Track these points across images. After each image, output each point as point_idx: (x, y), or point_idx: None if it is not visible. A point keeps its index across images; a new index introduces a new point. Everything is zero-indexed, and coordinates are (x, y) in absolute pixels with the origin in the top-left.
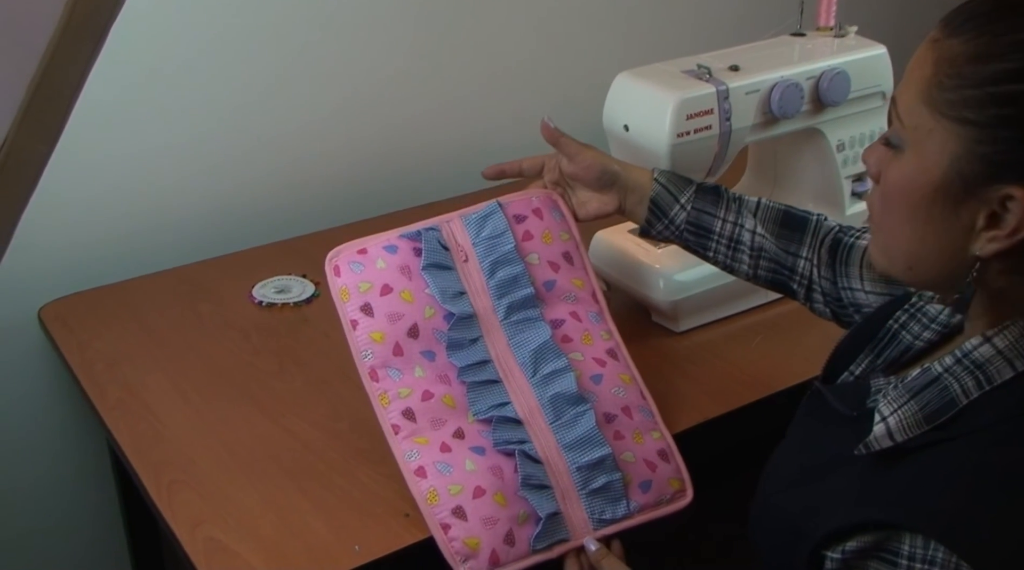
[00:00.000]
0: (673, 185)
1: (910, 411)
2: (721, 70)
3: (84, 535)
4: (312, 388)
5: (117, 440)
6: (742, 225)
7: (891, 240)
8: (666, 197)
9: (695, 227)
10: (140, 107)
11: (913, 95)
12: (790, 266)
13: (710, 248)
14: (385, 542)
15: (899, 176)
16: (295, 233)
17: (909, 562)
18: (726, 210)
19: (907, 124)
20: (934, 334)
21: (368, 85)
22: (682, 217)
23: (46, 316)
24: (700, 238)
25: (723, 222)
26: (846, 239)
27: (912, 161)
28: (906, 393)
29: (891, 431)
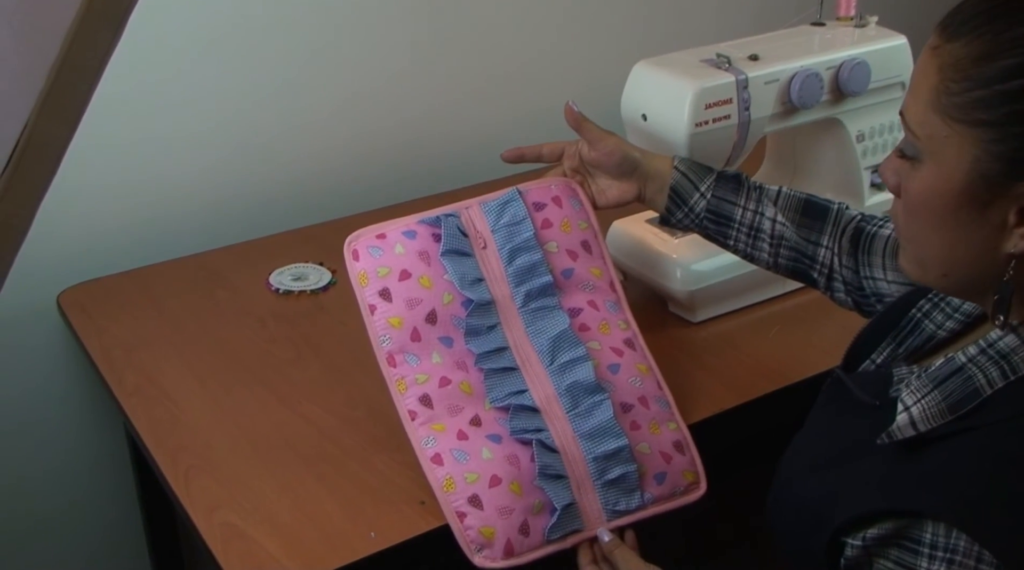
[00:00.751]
0: (693, 173)
1: (933, 401)
2: (740, 59)
3: (101, 519)
4: (328, 375)
5: (135, 426)
6: (762, 213)
7: (922, 250)
8: (686, 185)
9: (715, 215)
10: (159, 96)
11: (922, 105)
12: (811, 255)
13: (730, 236)
14: (400, 529)
15: (921, 187)
16: (312, 221)
17: (931, 550)
18: (746, 198)
19: (920, 135)
20: (957, 324)
21: (386, 74)
22: (702, 205)
23: (65, 302)
24: (720, 226)
25: (743, 210)
26: (868, 228)
27: (932, 170)
28: (929, 383)
29: (914, 421)
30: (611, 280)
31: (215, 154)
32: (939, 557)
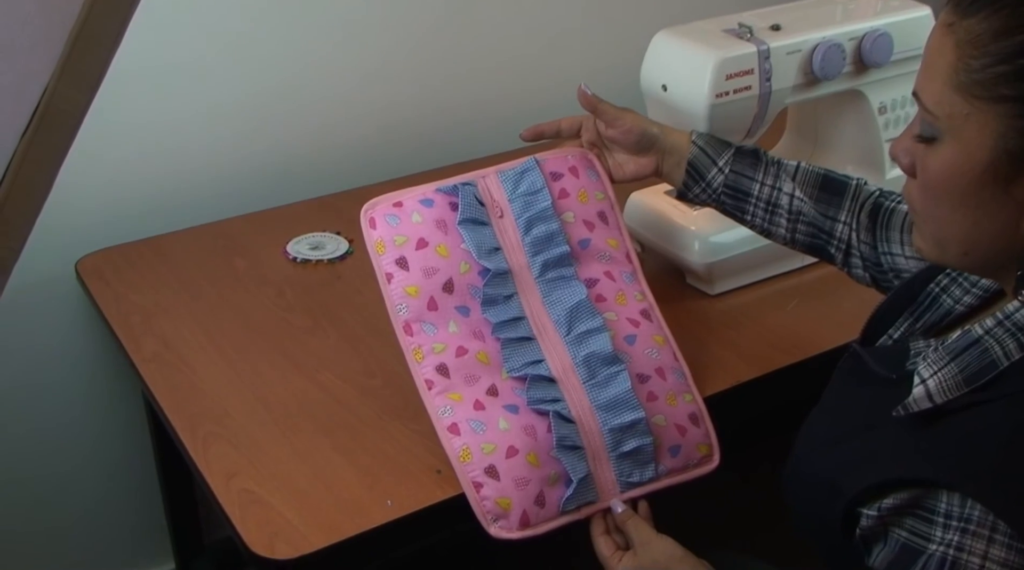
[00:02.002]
0: (711, 147)
1: (950, 373)
2: (762, 29)
3: (119, 485)
4: (345, 344)
5: (153, 392)
6: (780, 189)
7: (941, 230)
8: (704, 160)
9: (732, 190)
10: (179, 64)
11: (939, 84)
12: (828, 230)
13: (747, 211)
14: (417, 498)
15: (941, 166)
16: (330, 190)
17: (946, 519)
18: (764, 174)
19: (939, 114)
20: (975, 298)
21: (405, 45)
22: (719, 180)
23: (83, 269)
24: (737, 201)
25: (761, 185)
26: (887, 203)
27: (953, 149)
28: (946, 355)
29: (931, 393)
30: (627, 251)
31: (234, 123)
32: (953, 526)
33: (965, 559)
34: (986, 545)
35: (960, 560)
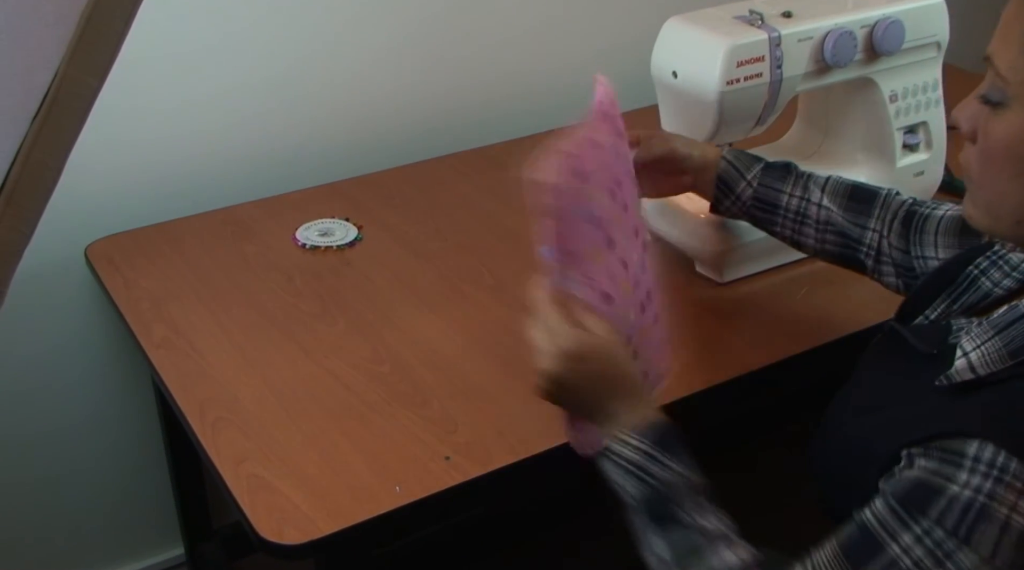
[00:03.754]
0: (740, 162)
1: (994, 347)
2: (774, 16)
3: (129, 471)
4: (354, 331)
5: (162, 377)
6: (809, 199)
7: (997, 197)
8: (732, 173)
9: (762, 202)
10: (189, 49)
11: (1015, 51)
12: (857, 237)
13: (777, 222)
14: (425, 483)
15: (1006, 133)
16: (340, 176)
17: (974, 463)
18: (793, 185)
19: (1012, 80)
20: (1015, 282)
21: (413, 28)
22: (748, 193)
23: (93, 254)
24: (767, 213)
25: (789, 197)
26: (921, 210)
27: (1020, 116)
28: (991, 329)
29: (973, 365)
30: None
31: (244, 108)
32: (981, 471)
33: (995, 507)
34: (1016, 497)
35: (989, 507)
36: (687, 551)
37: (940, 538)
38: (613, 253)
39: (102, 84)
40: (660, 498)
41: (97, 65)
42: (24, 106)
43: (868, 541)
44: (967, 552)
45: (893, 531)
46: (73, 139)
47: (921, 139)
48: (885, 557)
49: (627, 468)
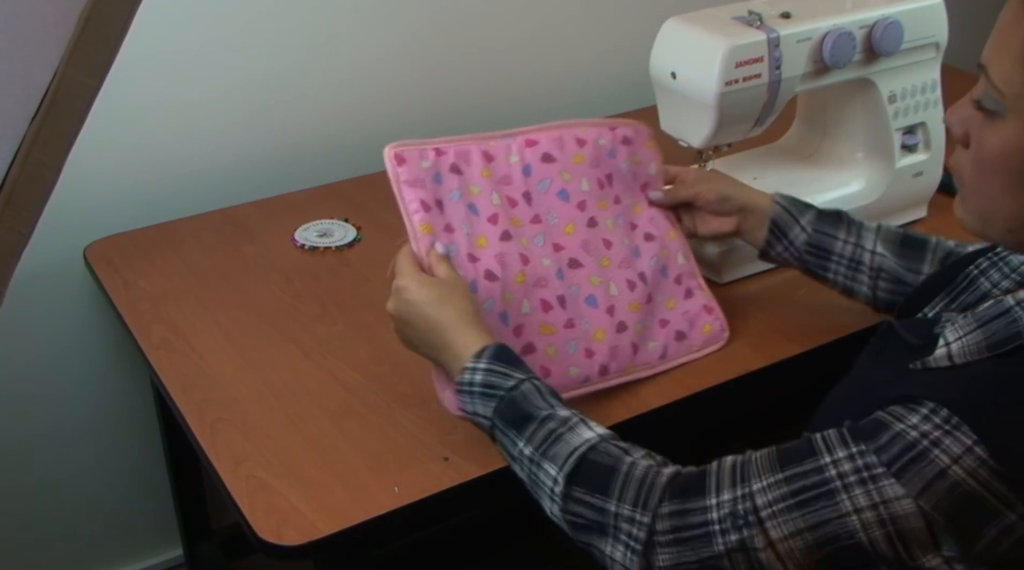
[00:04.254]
0: (794, 207)
1: (975, 339)
2: (772, 17)
3: (128, 472)
4: (353, 331)
5: (161, 379)
6: (862, 246)
7: (989, 205)
8: (787, 218)
9: (816, 248)
10: (188, 50)
11: (1012, 61)
12: (912, 283)
13: (830, 269)
14: (425, 484)
15: (999, 144)
16: (338, 177)
17: (929, 415)
18: (847, 232)
19: (1007, 92)
20: (1013, 283)
21: (412, 29)
22: (803, 238)
23: (91, 255)
24: (820, 260)
25: (844, 243)
26: (957, 249)
27: (1015, 128)
28: (974, 321)
29: (952, 354)
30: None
31: (242, 109)
32: (934, 422)
33: (935, 454)
34: (962, 451)
35: (930, 453)
36: (547, 438)
37: (872, 463)
38: (508, 244)
39: (101, 85)
40: (511, 403)
41: (96, 66)
42: (23, 107)
43: (804, 448)
44: (894, 484)
45: (831, 446)
46: (72, 140)
47: (920, 140)
48: (813, 463)
49: (479, 392)
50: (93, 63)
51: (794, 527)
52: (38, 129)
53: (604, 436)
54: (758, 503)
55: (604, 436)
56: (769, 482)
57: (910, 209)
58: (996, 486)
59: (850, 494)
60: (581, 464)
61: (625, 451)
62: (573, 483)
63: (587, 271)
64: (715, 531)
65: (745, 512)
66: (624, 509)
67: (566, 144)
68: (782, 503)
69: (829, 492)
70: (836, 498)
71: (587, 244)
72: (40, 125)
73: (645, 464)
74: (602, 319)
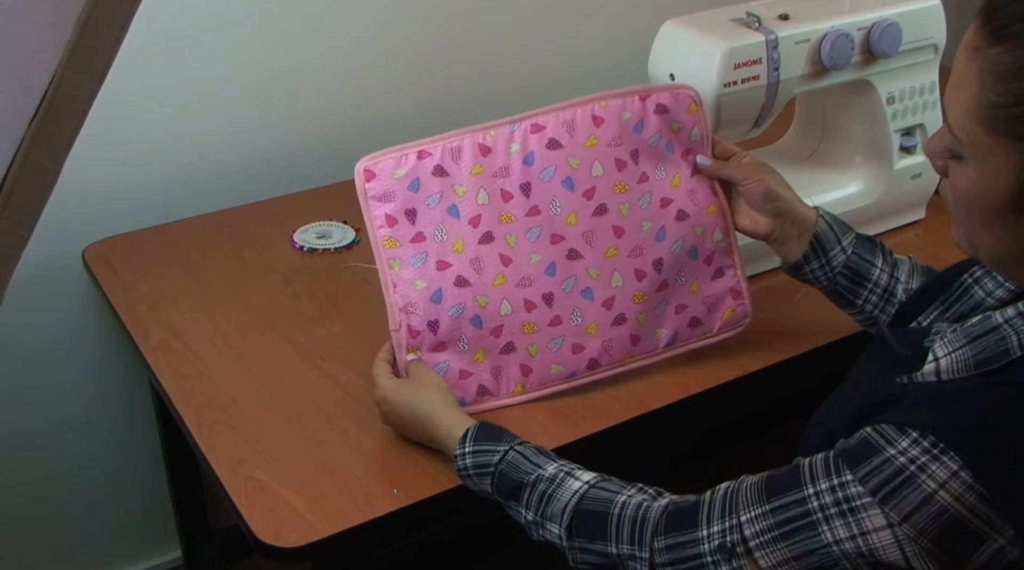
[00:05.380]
0: (838, 225)
1: (963, 356)
2: (771, 19)
3: (126, 474)
4: (352, 333)
5: (160, 380)
6: (897, 278)
7: (972, 235)
8: (830, 236)
9: (852, 273)
10: (186, 52)
11: (963, 110)
12: None
13: (860, 296)
14: (423, 486)
15: (966, 185)
16: (337, 179)
17: (916, 440)
18: (883, 261)
19: (964, 141)
20: (1007, 293)
21: (409, 28)
22: (840, 260)
23: (90, 257)
24: (854, 284)
25: (880, 272)
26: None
27: (976, 173)
28: (963, 338)
29: (940, 370)
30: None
31: (241, 110)
32: (923, 447)
33: (922, 480)
34: (948, 476)
35: (916, 478)
36: (541, 501)
37: (855, 494)
38: (489, 246)
39: (99, 87)
40: (503, 476)
41: (94, 68)
42: (22, 109)
43: (791, 478)
44: (877, 514)
45: (816, 475)
46: (71, 142)
47: (918, 141)
48: (796, 494)
49: (475, 473)
50: (92, 65)
51: (780, 557)
52: (37, 131)
53: (592, 482)
54: (746, 534)
55: (592, 482)
56: (756, 513)
57: (908, 211)
58: (983, 510)
59: (831, 525)
60: (575, 516)
61: (616, 491)
62: (573, 536)
63: (586, 262)
64: (707, 563)
65: (733, 544)
66: (624, 549)
67: (578, 126)
68: (768, 534)
69: (811, 523)
70: (818, 529)
71: (590, 234)
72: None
73: (636, 501)
74: (597, 312)
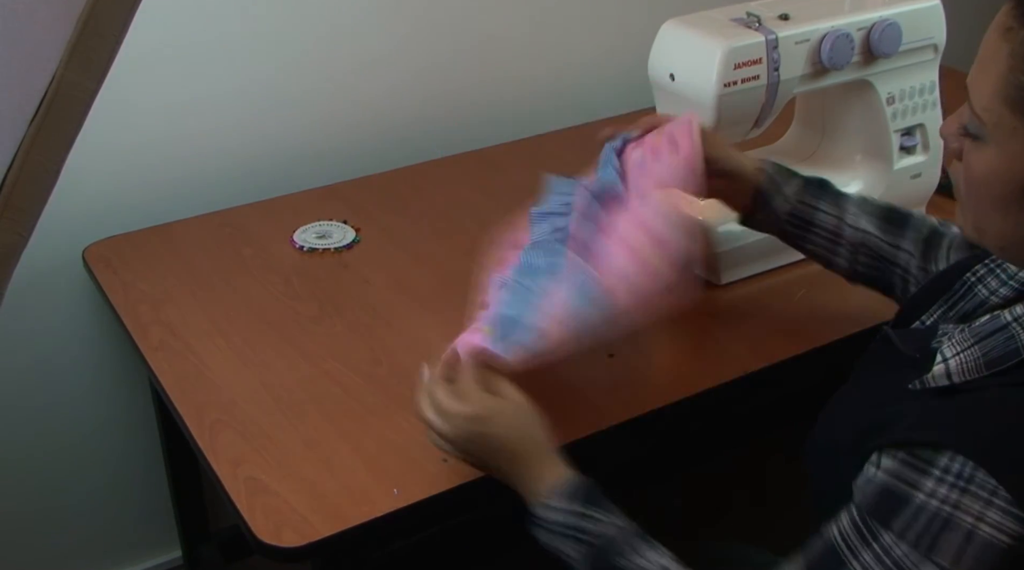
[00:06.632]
0: (780, 174)
1: (972, 356)
2: (771, 19)
3: (126, 473)
4: (352, 333)
5: (160, 380)
6: (844, 219)
7: (981, 220)
8: (771, 187)
9: (797, 219)
10: (185, 52)
11: (989, 91)
12: (891, 258)
13: (808, 240)
14: (423, 486)
15: (983, 167)
16: (337, 178)
17: (943, 474)
18: (828, 204)
19: (986, 121)
20: (1011, 290)
21: (410, 30)
22: (786, 209)
23: (90, 257)
24: (800, 230)
25: (826, 215)
26: (941, 228)
27: (996, 155)
28: (971, 337)
29: (950, 372)
30: None
31: (241, 110)
32: (948, 482)
33: (959, 517)
34: (983, 507)
35: (954, 518)
36: None
37: (901, 555)
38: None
39: (99, 87)
40: (601, 553)
41: (94, 68)
42: (22, 109)
43: (831, 559)
44: (928, 565)
45: (855, 548)
46: (70, 141)
47: (918, 141)
48: None
49: (563, 532)
50: (91, 65)
51: None
52: (37, 131)
53: None
54: None
55: None
56: None
57: None
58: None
59: None
60: None
61: None
62: None
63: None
64: None
65: None
66: None
67: None
68: None
69: None
70: None
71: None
72: (39, 127)
73: None
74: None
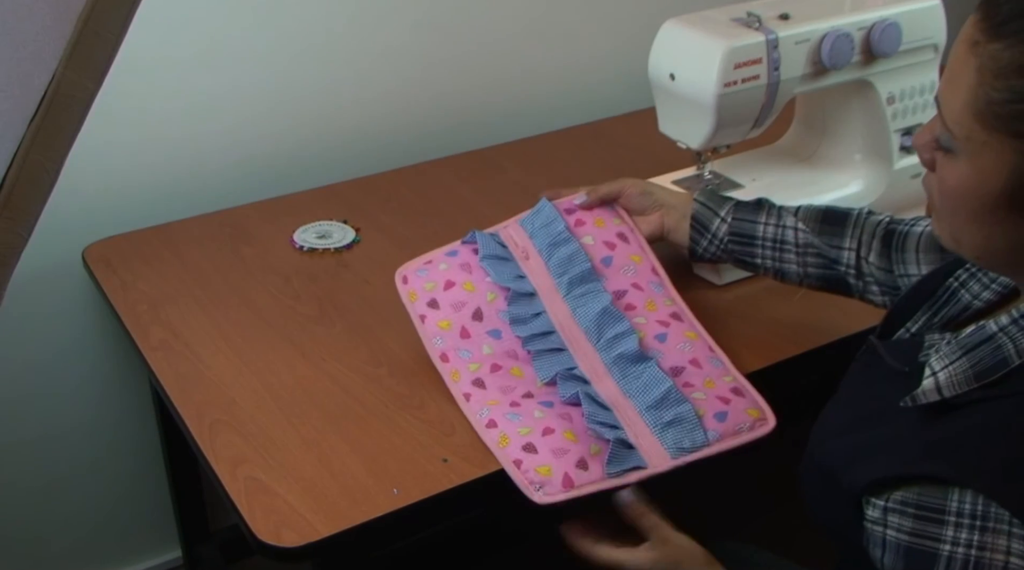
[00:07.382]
0: (712, 201)
1: (961, 368)
2: (771, 19)
3: (126, 473)
4: (352, 333)
5: (160, 380)
6: (784, 225)
7: (957, 231)
8: (706, 213)
9: (738, 236)
10: (186, 51)
11: (959, 104)
12: (835, 257)
13: (756, 254)
14: (423, 486)
15: (956, 181)
16: (337, 178)
17: (958, 518)
18: (767, 215)
19: (957, 134)
20: (994, 294)
21: (410, 31)
22: (724, 229)
23: (90, 257)
24: (745, 246)
25: (764, 226)
26: (900, 228)
27: (968, 168)
28: (959, 349)
29: (940, 386)
30: (652, 265)
31: (241, 110)
32: (966, 524)
33: (989, 557)
34: (1007, 540)
35: (984, 559)
36: None
37: None
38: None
39: (99, 87)
40: None
41: (94, 68)
42: (22, 108)
43: None
44: None
45: None
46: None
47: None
48: None
49: None
50: (91, 65)
51: None
52: (36, 131)
53: None
54: None
55: None
56: None
57: (909, 210)
58: None
59: None
60: None
61: None
62: None
63: None
64: None
65: None
66: None
67: None
68: None
69: None
70: None
71: None
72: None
73: None
74: None
